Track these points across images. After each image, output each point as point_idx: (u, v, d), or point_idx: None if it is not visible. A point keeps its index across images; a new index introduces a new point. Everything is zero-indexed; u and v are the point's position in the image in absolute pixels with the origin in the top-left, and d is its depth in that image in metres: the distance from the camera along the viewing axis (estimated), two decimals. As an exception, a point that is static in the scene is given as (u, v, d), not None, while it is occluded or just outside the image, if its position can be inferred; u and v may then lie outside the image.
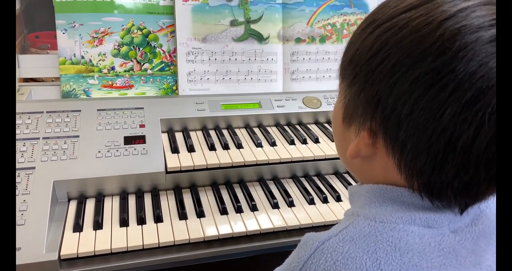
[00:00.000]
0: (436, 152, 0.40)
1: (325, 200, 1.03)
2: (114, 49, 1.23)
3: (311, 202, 1.02)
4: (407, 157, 0.43)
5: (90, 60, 1.22)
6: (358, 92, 0.46)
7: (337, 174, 1.16)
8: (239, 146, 1.11)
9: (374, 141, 0.46)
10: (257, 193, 1.05)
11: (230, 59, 1.30)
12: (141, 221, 0.91)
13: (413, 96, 0.40)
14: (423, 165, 0.42)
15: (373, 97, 0.44)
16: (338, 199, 1.04)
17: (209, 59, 1.28)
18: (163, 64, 1.28)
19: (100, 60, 1.23)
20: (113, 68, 1.24)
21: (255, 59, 1.32)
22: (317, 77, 1.39)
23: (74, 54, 1.21)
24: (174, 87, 1.28)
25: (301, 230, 0.95)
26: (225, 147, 1.10)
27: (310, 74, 1.38)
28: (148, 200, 0.99)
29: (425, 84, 0.39)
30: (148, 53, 1.26)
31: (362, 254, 0.42)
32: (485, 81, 0.37)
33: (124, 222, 0.90)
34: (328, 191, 1.07)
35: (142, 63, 1.26)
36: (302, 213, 0.98)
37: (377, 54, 0.43)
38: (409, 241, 0.43)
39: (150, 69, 1.27)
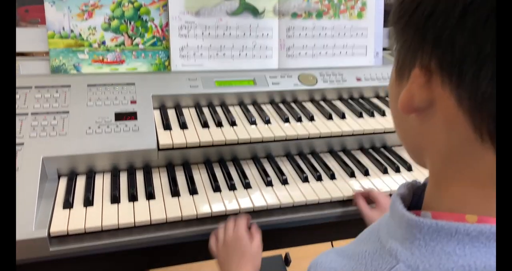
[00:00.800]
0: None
1: (319, 178, 1.02)
2: (105, 23, 1.19)
3: (305, 180, 1.01)
4: (468, 76, 0.34)
5: (80, 34, 1.18)
6: (405, 28, 0.40)
7: (332, 152, 1.14)
8: (232, 123, 1.09)
9: (428, 77, 0.37)
10: (251, 171, 1.04)
11: (224, 34, 1.27)
12: (132, 198, 0.89)
13: None
14: (490, 78, 0.32)
15: (420, 18, 0.37)
16: (332, 177, 1.03)
17: (203, 34, 1.25)
18: (155, 39, 1.24)
19: (90, 34, 1.19)
20: (103, 42, 1.20)
21: (250, 34, 1.29)
22: (313, 53, 1.37)
23: (63, 27, 1.17)
24: (166, 63, 1.25)
25: (294, 208, 0.94)
26: (219, 124, 1.08)
27: (306, 50, 1.35)
28: (140, 177, 0.97)
29: None
30: (140, 28, 1.22)
31: None
32: None
33: (115, 199, 0.88)
34: (322, 169, 1.06)
35: (133, 38, 1.22)
36: (296, 191, 0.97)
37: None
38: None
39: (142, 44, 1.23)
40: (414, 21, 0.38)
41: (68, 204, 0.85)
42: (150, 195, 0.91)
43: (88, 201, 0.87)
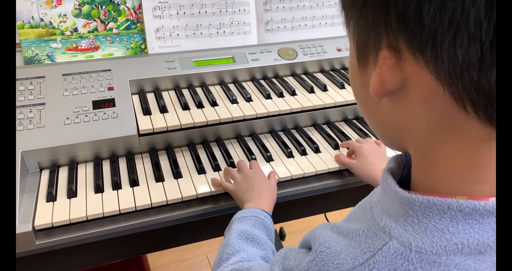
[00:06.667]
0: (477, 19, 0.29)
1: (303, 152, 1.01)
2: (75, 9, 1.16)
3: (290, 155, 1.01)
4: (443, 46, 0.31)
5: (51, 23, 1.15)
6: (364, 9, 0.37)
7: (316, 126, 1.14)
8: (213, 103, 1.08)
9: (398, 57, 0.35)
10: (235, 150, 1.04)
11: (199, 12, 1.24)
12: (116, 186, 0.89)
13: None
14: (467, 44, 0.30)
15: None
16: (316, 150, 1.02)
17: (177, 13, 1.21)
18: (129, 22, 1.21)
19: (61, 22, 1.16)
20: (76, 29, 1.17)
21: (226, 10, 1.26)
22: (293, 26, 1.34)
23: (32, 17, 1.14)
24: (142, 46, 1.22)
25: (280, 184, 0.94)
26: (199, 105, 1.07)
27: (285, 24, 1.33)
28: (123, 165, 0.96)
29: None
30: (112, 11, 1.19)
31: None
32: None
33: (99, 188, 0.88)
34: (307, 143, 1.06)
35: (106, 23, 1.19)
36: (281, 167, 0.97)
37: None
38: None
39: (116, 28, 1.20)
40: (372, 10, 0.35)
41: (51, 196, 0.85)
42: (134, 182, 0.90)
43: (72, 193, 0.86)
